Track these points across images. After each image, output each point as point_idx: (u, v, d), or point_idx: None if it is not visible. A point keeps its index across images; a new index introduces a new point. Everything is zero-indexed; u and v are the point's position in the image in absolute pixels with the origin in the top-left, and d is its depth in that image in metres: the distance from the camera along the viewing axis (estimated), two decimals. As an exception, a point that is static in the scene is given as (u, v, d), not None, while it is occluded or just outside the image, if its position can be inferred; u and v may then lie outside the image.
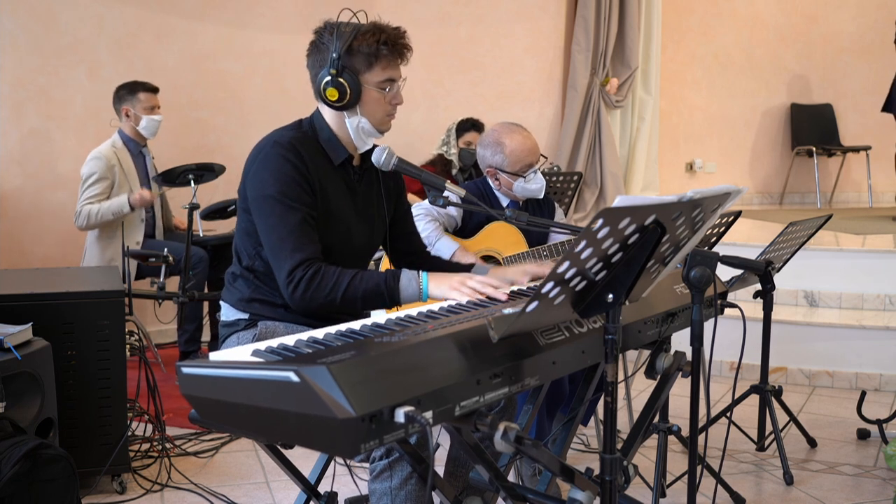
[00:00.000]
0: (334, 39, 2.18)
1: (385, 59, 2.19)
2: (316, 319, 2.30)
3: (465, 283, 2.07)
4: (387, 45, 2.18)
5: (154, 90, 4.71)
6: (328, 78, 2.19)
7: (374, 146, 2.33)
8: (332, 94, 2.20)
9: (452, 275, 2.12)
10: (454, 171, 5.54)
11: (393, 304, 2.14)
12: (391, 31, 2.21)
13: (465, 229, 3.25)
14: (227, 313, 2.37)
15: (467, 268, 2.45)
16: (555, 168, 5.09)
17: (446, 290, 2.08)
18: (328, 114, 2.30)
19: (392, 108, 2.27)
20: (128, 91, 4.67)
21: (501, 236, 3.22)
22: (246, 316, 2.32)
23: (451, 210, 3.18)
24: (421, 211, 3.09)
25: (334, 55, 2.18)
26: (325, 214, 2.25)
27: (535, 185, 3.20)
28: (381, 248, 2.56)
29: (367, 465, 3.27)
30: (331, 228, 2.26)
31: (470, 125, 5.53)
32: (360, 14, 2.23)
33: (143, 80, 4.73)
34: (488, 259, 3.21)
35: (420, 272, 2.14)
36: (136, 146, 4.72)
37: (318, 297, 2.11)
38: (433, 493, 1.96)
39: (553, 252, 3.18)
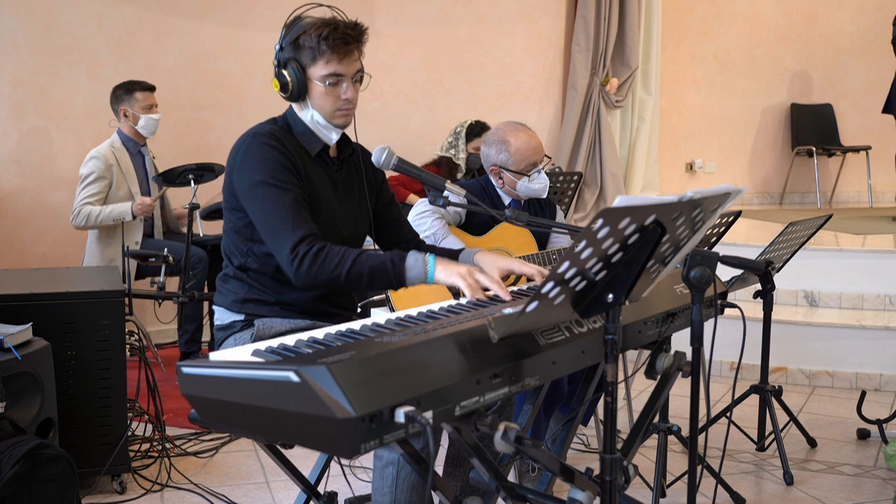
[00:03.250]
0: (286, 32, 2.23)
1: (326, 54, 2.19)
2: (312, 316, 2.31)
3: (473, 274, 2.04)
4: (328, 39, 2.17)
5: (151, 89, 4.70)
6: (274, 70, 2.25)
7: (357, 144, 2.37)
8: (275, 84, 2.26)
9: (460, 263, 2.11)
10: (459, 175, 5.50)
11: (399, 285, 2.12)
12: (338, 26, 2.20)
13: (468, 224, 3.24)
14: (222, 316, 2.36)
15: (455, 253, 2.44)
16: (555, 168, 5.08)
17: (453, 276, 2.04)
18: (297, 107, 2.33)
19: (343, 103, 2.26)
20: (124, 91, 4.67)
21: (512, 237, 3.22)
22: (241, 317, 2.32)
23: None
24: (426, 209, 3.09)
25: (277, 47, 2.24)
26: (311, 204, 2.26)
27: (538, 185, 3.20)
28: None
29: (367, 465, 3.28)
30: (317, 218, 2.26)
31: (479, 129, 5.44)
32: (323, 9, 2.26)
33: (139, 80, 4.73)
34: None
35: (428, 254, 2.13)
36: (135, 146, 4.72)
37: (324, 273, 2.10)
38: (433, 492, 1.96)
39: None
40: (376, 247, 2.55)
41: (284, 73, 2.23)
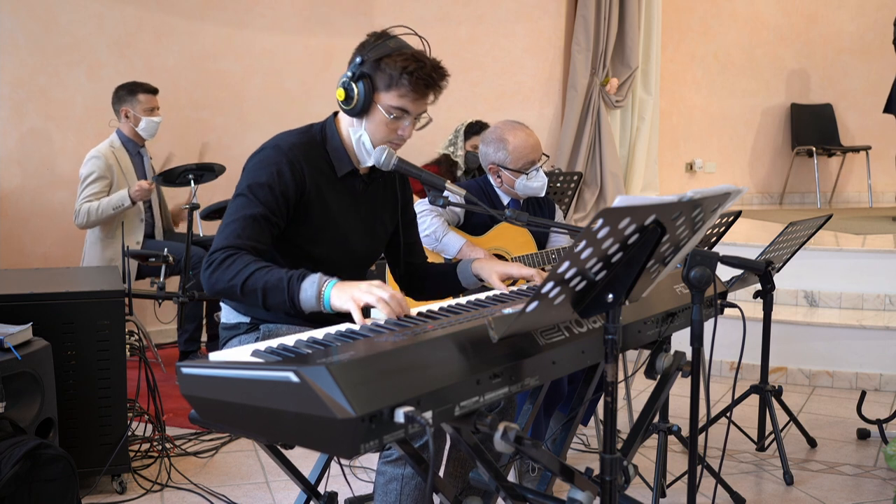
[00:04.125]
0: (372, 46, 2.18)
1: (403, 87, 2.15)
2: (318, 323, 2.30)
3: (372, 290, 1.87)
4: (411, 75, 2.13)
5: (153, 91, 4.70)
6: (345, 78, 2.19)
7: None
8: (340, 94, 2.19)
9: (360, 283, 1.92)
10: (459, 173, 5.52)
11: (294, 307, 1.98)
12: (425, 65, 2.16)
13: (467, 225, 3.25)
14: (228, 316, 2.36)
15: (452, 267, 2.41)
16: (555, 168, 5.08)
17: (346, 301, 1.89)
18: (345, 121, 2.28)
19: (395, 137, 2.22)
20: (127, 92, 4.66)
21: (511, 237, 3.22)
22: (247, 319, 2.31)
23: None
24: (425, 208, 3.09)
25: (359, 60, 2.18)
26: (323, 222, 2.24)
27: (537, 183, 3.20)
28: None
29: (367, 465, 3.28)
30: (328, 237, 2.24)
31: (479, 128, 5.45)
32: (414, 38, 2.22)
33: (142, 81, 4.72)
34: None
35: (331, 278, 1.96)
36: (135, 146, 4.71)
37: (222, 281, 2.03)
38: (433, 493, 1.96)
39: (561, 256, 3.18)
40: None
41: (355, 86, 2.17)
